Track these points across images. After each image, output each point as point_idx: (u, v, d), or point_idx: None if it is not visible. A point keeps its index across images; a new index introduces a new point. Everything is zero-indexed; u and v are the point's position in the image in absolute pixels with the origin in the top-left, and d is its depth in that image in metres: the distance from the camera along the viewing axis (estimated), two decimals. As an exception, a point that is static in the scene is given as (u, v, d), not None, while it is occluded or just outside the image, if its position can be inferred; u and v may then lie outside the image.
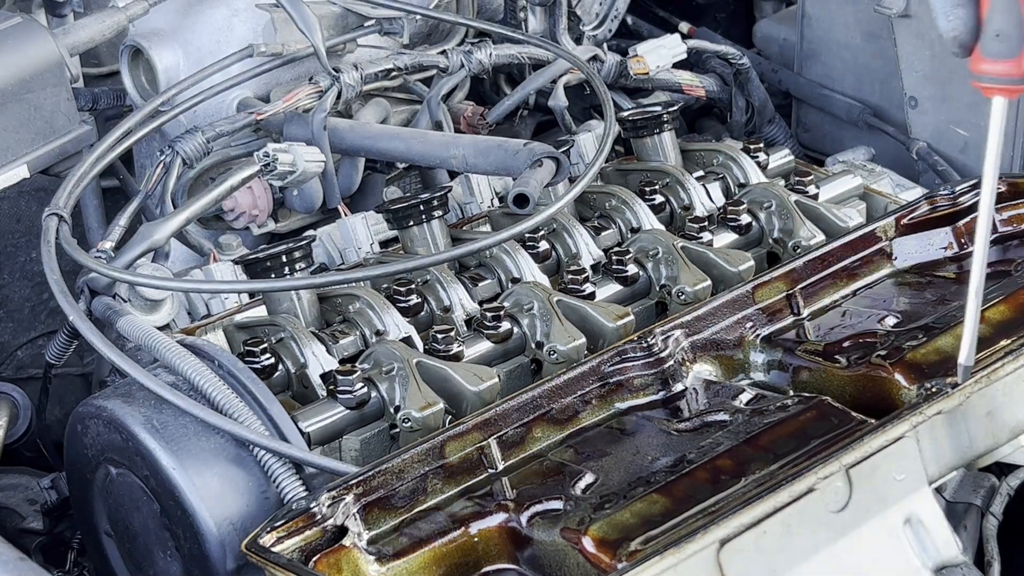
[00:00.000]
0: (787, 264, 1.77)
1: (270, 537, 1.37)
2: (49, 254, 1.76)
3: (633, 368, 1.63)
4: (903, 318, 1.72)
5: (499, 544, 1.44)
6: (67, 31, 2.07)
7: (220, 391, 1.58)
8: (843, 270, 1.81)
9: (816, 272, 1.78)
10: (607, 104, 2.05)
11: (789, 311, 1.75)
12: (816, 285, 1.78)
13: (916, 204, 1.87)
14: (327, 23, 2.18)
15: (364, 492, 1.44)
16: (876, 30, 2.46)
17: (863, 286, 1.82)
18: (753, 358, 1.71)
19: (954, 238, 1.85)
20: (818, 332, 1.73)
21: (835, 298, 1.79)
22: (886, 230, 1.84)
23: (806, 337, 1.72)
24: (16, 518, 2.01)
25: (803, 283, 1.77)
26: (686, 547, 1.28)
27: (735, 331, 1.71)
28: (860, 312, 1.76)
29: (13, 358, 2.42)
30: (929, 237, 1.85)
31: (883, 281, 1.83)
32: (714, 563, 1.29)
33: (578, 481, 1.48)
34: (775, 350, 1.70)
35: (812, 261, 1.78)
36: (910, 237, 1.85)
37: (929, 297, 1.77)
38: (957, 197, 1.87)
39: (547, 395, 1.58)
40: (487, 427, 1.54)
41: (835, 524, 1.40)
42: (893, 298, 1.79)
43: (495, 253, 1.91)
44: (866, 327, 1.71)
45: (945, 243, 1.85)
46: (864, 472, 1.42)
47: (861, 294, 1.81)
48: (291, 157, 1.94)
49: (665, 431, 1.58)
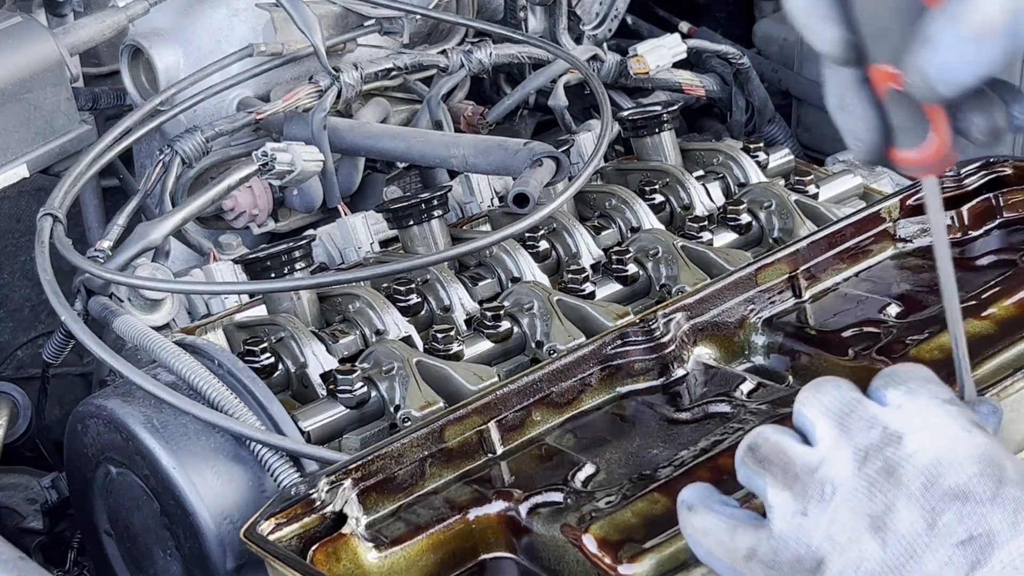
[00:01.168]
0: (790, 245, 1.76)
1: (268, 524, 1.37)
2: (43, 254, 1.76)
3: (634, 352, 1.63)
4: (906, 305, 1.70)
5: (498, 532, 1.43)
6: (67, 31, 2.07)
7: (215, 388, 1.58)
8: (846, 251, 1.79)
9: (819, 254, 1.77)
10: (604, 104, 2.05)
11: (791, 293, 1.74)
12: (819, 267, 1.77)
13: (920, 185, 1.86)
14: (327, 23, 2.18)
15: (363, 476, 1.44)
16: (876, 30, 2.46)
17: (866, 268, 1.81)
18: (754, 340, 1.69)
19: (958, 221, 1.85)
20: (819, 316, 1.72)
21: (837, 280, 1.78)
22: (890, 211, 1.83)
23: (807, 321, 1.71)
24: (16, 517, 2.01)
25: (806, 264, 1.76)
26: (695, 570, 1.29)
27: (736, 313, 1.70)
28: (862, 296, 1.75)
29: (13, 358, 2.42)
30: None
31: (886, 263, 1.82)
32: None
33: (578, 472, 1.48)
34: (776, 333, 1.68)
35: (816, 243, 1.77)
36: (914, 219, 1.84)
37: (931, 281, 1.75)
38: (962, 179, 1.86)
39: (547, 378, 1.58)
40: (487, 410, 1.53)
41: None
42: (896, 281, 1.77)
43: (495, 252, 1.91)
44: (868, 315, 1.70)
45: (949, 225, 1.84)
46: None
47: (864, 276, 1.79)
48: (289, 156, 1.94)
49: (666, 420, 1.57)
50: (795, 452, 1.18)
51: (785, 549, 1.16)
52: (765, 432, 1.20)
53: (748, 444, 1.20)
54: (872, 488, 1.14)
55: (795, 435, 1.20)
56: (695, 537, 1.22)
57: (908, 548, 1.11)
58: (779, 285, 1.74)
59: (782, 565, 1.16)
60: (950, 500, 1.12)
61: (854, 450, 1.16)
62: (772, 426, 1.21)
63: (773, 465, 1.18)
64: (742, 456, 1.20)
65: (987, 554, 1.09)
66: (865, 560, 1.12)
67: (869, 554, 1.12)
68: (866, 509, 1.13)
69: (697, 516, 1.22)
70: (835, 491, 1.15)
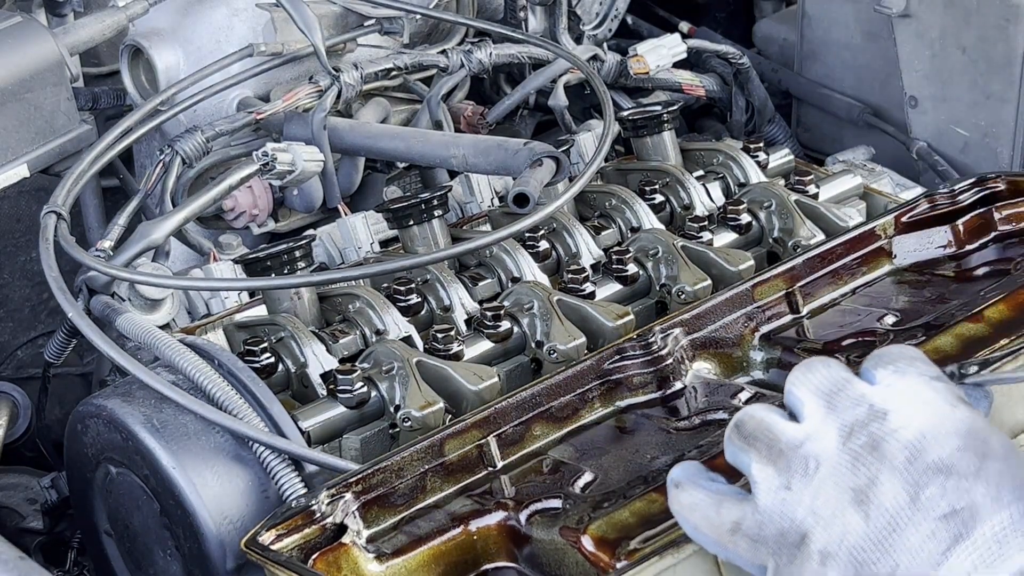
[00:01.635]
0: (787, 262, 1.77)
1: (269, 535, 1.37)
2: (47, 252, 1.76)
3: (632, 366, 1.63)
4: (902, 316, 1.72)
5: (498, 542, 1.44)
6: (67, 31, 2.07)
7: (220, 388, 1.58)
8: (843, 268, 1.81)
9: (815, 270, 1.78)
10: (606, 103, 2.05)
11: (788, 309, 1.76)
12: (815, 283, 1.78)
13: (915, 202, 1.87)
14: (327, 23, 2.18)
15: (363, 490, 1.44)
16: (876, 30, 2.47)
17: (863, 284, 1.82)
18: (752, 356, 1.71)
19: (953, 236, 1.86)
20: (817, 330, 1.73)
21: (834, 296, 1.79)
22: (885, 228, 1.85)
23: (806, 336, 1.72)
24: (16, 517, 2.01)
25: (802, 281, 1.77)
26: (686, 547, 1.28)
27: (734, 329, 1.71)
28: (859, 311, 1.76)
29: (13, 358, 2.42)
30: (928, 235, 1.86)
31: (883, 279, 1.83)
32: (712, 563, 1.29)
33: (577, 479, 1.48)
34: (774, 348, 1.70)
35: (811, 259, 1.78)
36: (909, 235, 1.85)
37: (928, 295, 1.77)
38: (956, 195, 1.87)
39: (546, 393, 1.58)
40: (486, 425, 1.53)
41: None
42: (892, 296, 1.79)
43: (495, 252, 1.91)
44: (865, 326, 1.71)
45: (944, 241, 1.85)
46: None
47: (861, 292, 1.81)
48: (290, 156, 1.94)
49: (664, 429, 1.58)
50: (780, 428, 1.19)
51: (769, 523, 1.17)
52: (751, 410, 1.22)
53: (735, 422, 1.22)
54: (856, 462, 1.15)
55: (782, 413, 1.22)
56: (682, 513, 1.23)
57: (891, 521, 1.12)
58: (776, 301, 1.75)
59: (767, 539, 1.17)
60: (933, 474, 1.12)
61: (840, 426, 1.17)
62: (759, 404, 1.23)
63: (758, 441, 1.19)
64: (728, 434, 1.22)
65: (969, 528, 1.10)
66: (848, 533, 1.13)
67: (852, 527, 1.13)
68: (849, 483, 1.14)
69: (684, 492, 1.23)
70: (819, 466, 1.16)
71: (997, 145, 2.30)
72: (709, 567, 1.29)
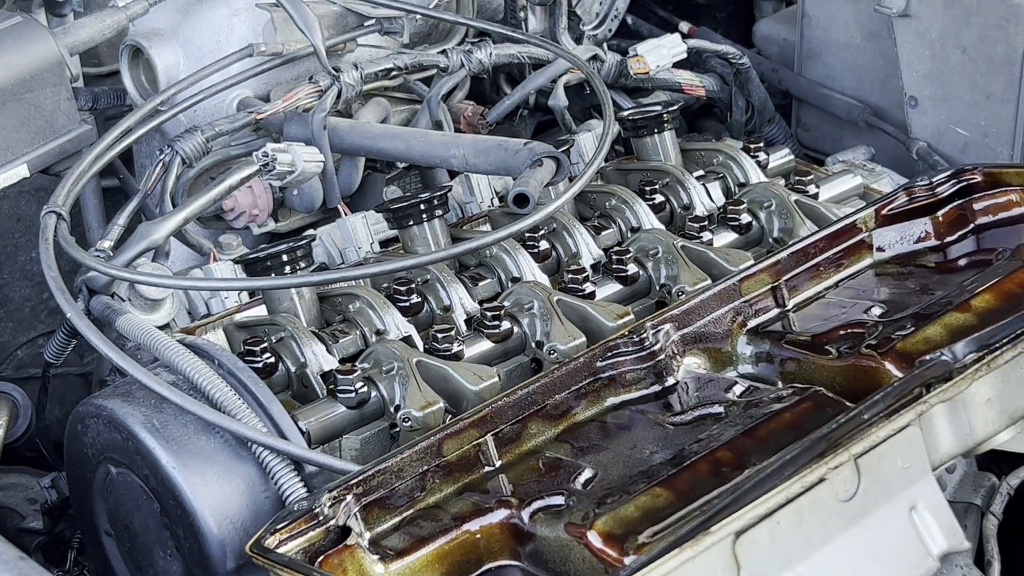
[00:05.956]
0: (771, 256, 1.78)
1: (274, 539, 1.37)
2: (47, 252, 1.76)
3: (625, 363, 1.64)
4: (888, 308, 1.73)
5: (501, 541, 1.44)
6: (67, 31, 2.07)
7: (219, 389, 1.58)
8: (826, 261, 1.82)
9: (800, 264, 1.79)
10: (606, 104, 2.05)
11: (774, 303, 1.76)
12: (799, 277, 1.79)
13: (894, 195, 1.88)
14: (327, 23, 2.18)
15: (364, 492, 1.44)
16: (876, 30, 2.47)
17: (846, 277, 1.83)
18: (741, 350, 1.71)
19: (933, 228, 1.87)
20: (804, 323, 1.74)
21: (819, 289, 1.80)
22: (866, 221, 1.86)
23: (792, 328, 1.73)
24: (16, 517, 2.01)
25: (787, 275, 1.78)
26: (703, 540, 1.28)
27: (723, 324, 1.71)
28: (845, 303, 1.77)
29: (13, 358, 2.42)
30: (909, 227, 1.87)
31: (865, 272, 1.84)
32: (730, 555, 1.30)
33: (578, 476, 1.48)
34: (762, 342, 1.70)
35: (795, 253, 1.79)
36: (890, 228, 1.86)
37: (911, 286, 1.78)
38: (935, 188, 1.88)
39: (541, 391, 1.58)
40: (483, 424, 1.54)
41: (845, 513, 1.41)
42: (876, 288, 1.80)
43: (495, 252, 1.91)
44: (853, 317, 1.72)
45: (924, 233, 1.87)
46: (872, 461, 1.43)
47: (844, 285, 1.82)
48: (290, 157, 1.94)
49: (660, 424, 1.58)
50: None
51: None
52: None
53: None
54: None
55: None
56: None
57: None
58: (763, 295, 1.75)
59: None
60: None
61: None
62: None
63: None
64: None
65: None
66: None
67: None
68: None
69: None
70: None
71: (997, 145, 2.30)
72: (727, 559, 1.29)
